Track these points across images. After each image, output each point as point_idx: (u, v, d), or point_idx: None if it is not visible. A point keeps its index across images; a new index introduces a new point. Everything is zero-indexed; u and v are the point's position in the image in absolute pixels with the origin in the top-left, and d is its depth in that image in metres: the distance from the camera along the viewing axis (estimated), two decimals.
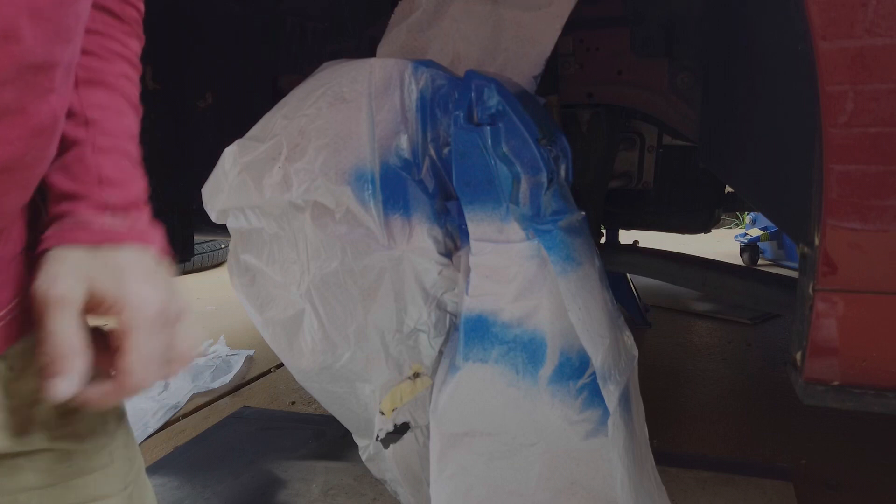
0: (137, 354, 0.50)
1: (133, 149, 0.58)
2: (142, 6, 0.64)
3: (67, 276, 0.49)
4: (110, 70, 0.58)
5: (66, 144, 0.54)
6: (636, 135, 1.99)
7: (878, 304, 0.84)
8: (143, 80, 0.62)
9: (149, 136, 1.63)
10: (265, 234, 1.21)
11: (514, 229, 1.08)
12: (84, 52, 0.56)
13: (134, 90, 0.61)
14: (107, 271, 0.50)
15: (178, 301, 0.55)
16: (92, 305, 0.50)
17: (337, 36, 1.79)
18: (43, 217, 0.54)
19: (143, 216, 0.56)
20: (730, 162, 1.35)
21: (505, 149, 1.06)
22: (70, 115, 0.54)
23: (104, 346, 0.52)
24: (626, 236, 2.87)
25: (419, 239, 1.12)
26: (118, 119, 0.58)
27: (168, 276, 0.55)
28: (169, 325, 0.53)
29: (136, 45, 0.62)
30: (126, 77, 0.60)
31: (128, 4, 0.61)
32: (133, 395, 0.52)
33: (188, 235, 1.88)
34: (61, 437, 0.57)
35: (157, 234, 0.56)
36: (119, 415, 0.65)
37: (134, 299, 0.50)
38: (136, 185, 0.57)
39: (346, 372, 1.21)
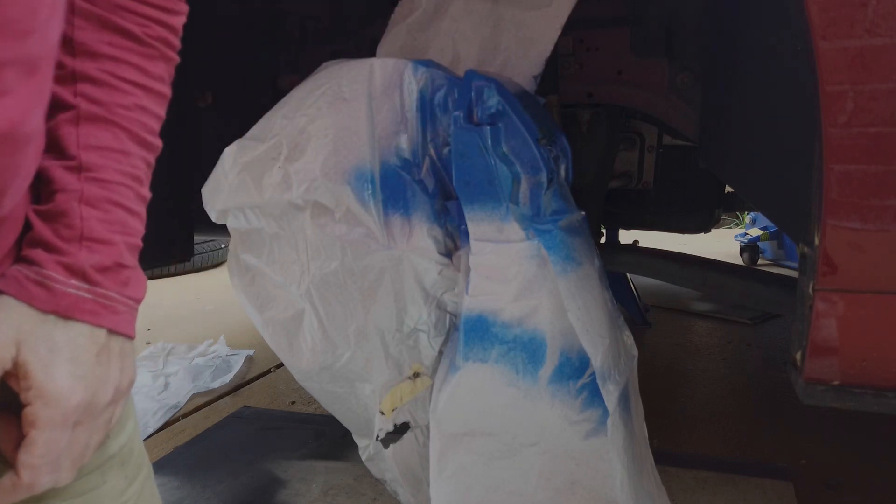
0: (32, 453, 0.46)
1: (131, 196, 0.53)
2: (174, 21, 0.56)
3: (2, 334, 0.45)
4: (119, 102, 0.52)
5: (53, 189, 0.49)
6: (636, 135, 1.99)
7: (878, 303, 0.84)
8: None
9: None
10: (265, 234, 1.21)
11: (514, 229, 1.08)
12: (90, 81, 0.51)
13: (149, 121, 0.55)
14: (42, 346, 0.46)
15: (113, 391, 0.51)
16: (13, 374, 0.46)
17: (337, 36, 1.79)
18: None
19: (121, 280, 0.51)
20: (730, 162, 1.35)
21: (505, 149, 1.06)
22: (63, 155, 0.49)
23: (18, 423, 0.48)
24: (626, 236, 2.87)
25: (419, 239, 1.12)
26: (120, 161, 0.52)
27: (120, 357, 0.51)
28: (90, 419, 0.49)
29: (159, 69, 0.55)
30: (140, 108, 0.54)
31: (152, 21, 0.54)
32: (23, 495, 0.47)
33: (188, 235, 1.88)
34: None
35: (127, 305, 0.51)
36: (116, 433, 0.61)
37: (51, 391, 0.46)
38: (123, 243, 0.51)
39: (346, 372, 1.21)
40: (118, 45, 0.52)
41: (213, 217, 1.25)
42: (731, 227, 6.62)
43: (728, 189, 2.23)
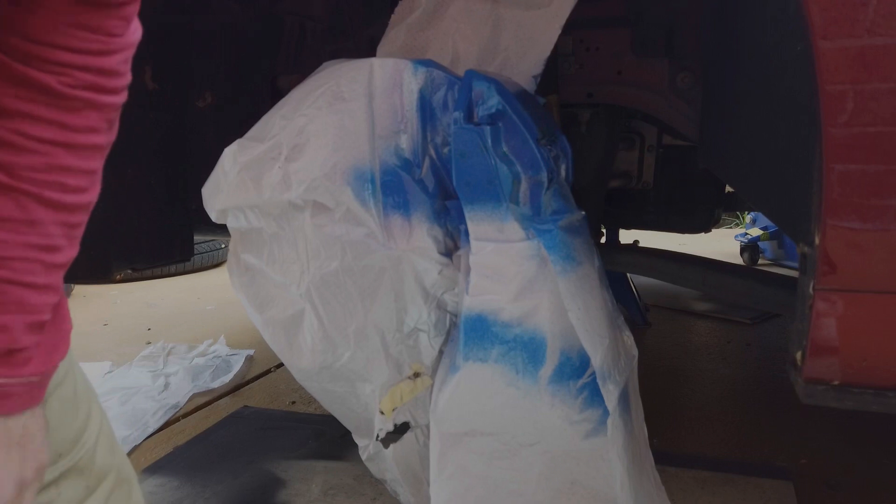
0: None
1: (35, 269, 0.47)
2: (106, 62, 0.48)
3: None
4: (28, 164, 0.45)
5: None
6: (636, 135, 1.99)
7: (878, 303, 0.84)
8: (142, 79, 0.59)
9: (149, 135, 1.63)
10: (265, 233, 1.21)
11: (514, 229, 1.08)
12: None
13: (70, 180, 0.48)
14: None
15: (15, 485, 0.47)
16: None
17: (337, 36, 1.79)
18: None
19: (14, 363, 0.46)
20: (730, 162, 1.35)
21: (505, 148, 1.06)
22: None
23: None
24: (626, 236, 2.87)
25: (419, 238, 1.12)
26: (22, 233, 0.46)
27: (21, 442, 0.47)
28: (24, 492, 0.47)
29: (87, 119, 0.48)
30: (57, 169, 0.47)
31: (73, 69, 0.46)
32: None
33: (188, 235, 1.88)
34: None
35: (25, 385, 0.47)
36: (69, 451, 0.57)
37: None
38: (20, 323, 0.46)
39: (346, 372, 1.21)
40: (28, 100, 0.45)
41: (213, 217, 1.25)
42: (731, 227, 6.62)
43: (728, 189, 2.23)
